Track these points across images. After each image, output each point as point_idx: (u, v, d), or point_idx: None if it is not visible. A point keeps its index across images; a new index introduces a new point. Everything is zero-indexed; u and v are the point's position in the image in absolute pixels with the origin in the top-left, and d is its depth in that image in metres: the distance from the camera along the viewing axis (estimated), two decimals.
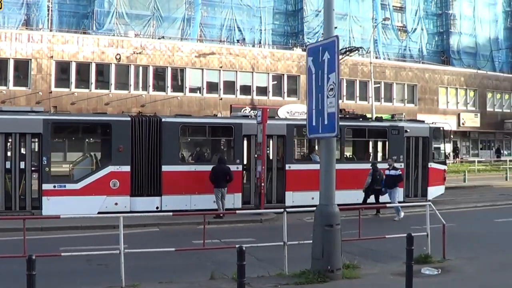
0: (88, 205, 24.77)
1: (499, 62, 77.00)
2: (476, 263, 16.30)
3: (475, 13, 74.27)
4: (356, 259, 15.07)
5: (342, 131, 28.72)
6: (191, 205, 26.62)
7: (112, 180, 26.19)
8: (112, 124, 26.78)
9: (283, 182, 29.06)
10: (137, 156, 26.65)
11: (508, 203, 34.07)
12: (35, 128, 25.20)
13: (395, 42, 67.74)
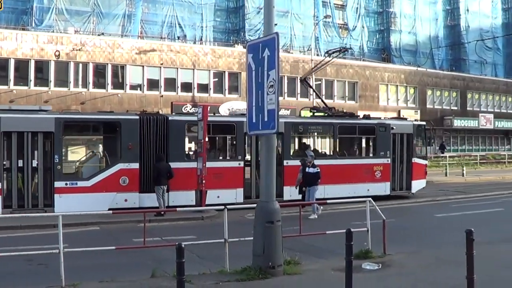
0: (99, 202, 25.57)
1: (438, 60, 78.22)
2: (416, 257, 16.46)
3: (415, 12, 75.26)
4: (297, 255, 15.14)
5: (334, 128, 32.78)
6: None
7: (122, 177, 27.16)
8: (121, 123, 27.71)
9: (282, 177, 30.31)
10: (145, 153, 27.63)
11: (448, 198, 34.66)
12: (47, 126, 25.90)
13: (336, 39, 68.02)
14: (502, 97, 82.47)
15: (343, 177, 32.07)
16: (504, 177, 50.39)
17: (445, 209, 29.51)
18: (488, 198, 34.99)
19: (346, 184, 31.90)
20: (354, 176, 32.51)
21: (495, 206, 30.42)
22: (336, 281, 12.15)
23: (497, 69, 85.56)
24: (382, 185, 33.77)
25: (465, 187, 41.33)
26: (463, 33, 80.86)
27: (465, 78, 77.33)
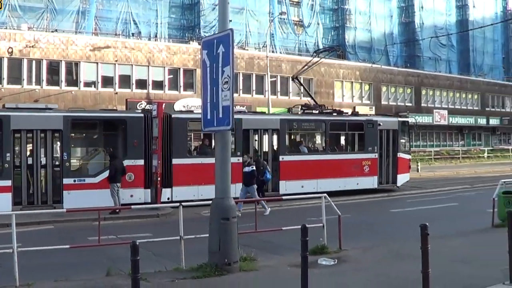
0: (106, 198, 25.90)
1: (393, 57, 78.75)
2: (372, 252, 16.54)
3: (370, 9, 75.69)
4: (254, 251, 15.08)
5: (325, 124, 34.35)
6: (198, 195, 27.69)
7: (128, 173, 27.63)
8: (127, 120, 28.68)
9: (278, 172, 32.05)
10: (150, 150, 28.45)
11: (403, 193, 34.95)
12: (55, 124, 26.71)
13: (292, 36, 68.26)
14: (456, 94, 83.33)
15: (335, 171, 33.75)
16: (458, 172, 51.04)
17: (401, 204, 29.80)
18: (442, 193, 35.43)
19: (337, 178, 33.68)
20: (344, 170, 34.20)
21: (450, 201, 30.81)
22: (292, 277, 12.14)
23: (451, 66, 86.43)
24: (370, 179, 35.62)
25: (420, 182, 41.72)
26: (418, 30, 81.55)
27: (420, 75, 77.97)
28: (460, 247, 17.03)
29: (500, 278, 12.06)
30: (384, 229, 22.07)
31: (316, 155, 34.62)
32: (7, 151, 25.54)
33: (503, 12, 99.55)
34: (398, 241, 18.19)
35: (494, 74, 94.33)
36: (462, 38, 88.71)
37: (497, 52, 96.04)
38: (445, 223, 22.63)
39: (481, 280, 12.29)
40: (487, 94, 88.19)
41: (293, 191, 30.05)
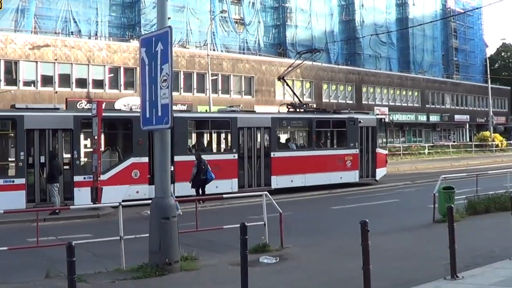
0: (114, 194, 27.04)
1: (334, 54, 79.22)
2: (313, 250, 16.66)
3: (311, 7, 76.01)
4: (195, 250, 15.01)
5: (312, 122, 36.49)
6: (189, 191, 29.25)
7: (134, 170, 29.47)
8: (133, 120, 28.99)
9: (269, 167, 34.10)
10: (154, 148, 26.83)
11: (344, 190, 35.12)
12: (66, 124, 27.98)
13: (233, 34, 68.20)
14: (397, 91, 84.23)
15: (320, 166, 36.01)
16: (398, 168, 51.51)
17: (341, 201, 29.96)
18: (383, 189, 35.73)
19: (323, 173, 36.05)
20: (329, 165, 36.49)
21: (391, 197, 31.12)
22: (233, 276, 12.09)
23: (391, 63, 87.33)
24: (352, 173, 37.89)
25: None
26: (358, 28, 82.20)
27: (360, 72, 78.62)
28: (402, 243, 17.20)
29: (441, 273, 12.17)
30: (325, 226, 22.17)
31: (303, 151, 36.86)
32: (21, 150, 26.58)
33: (443, 9, 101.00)
34: (339, 238, 18.32)
35: (434, 71, 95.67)
36: (402, 35, 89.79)
37: (437, 50, 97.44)
38: (386, 219, 22.79)
39: (423, 275, 12.37)
40: (427, 91, 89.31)
41: (284, 185, 33.35)
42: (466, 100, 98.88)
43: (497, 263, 13.10)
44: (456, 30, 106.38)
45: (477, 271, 12.41)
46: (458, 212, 20.54)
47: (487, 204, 22.64)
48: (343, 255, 15.22)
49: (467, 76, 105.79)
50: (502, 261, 13.31)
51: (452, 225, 11.80)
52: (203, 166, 28.95)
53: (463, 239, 14.26)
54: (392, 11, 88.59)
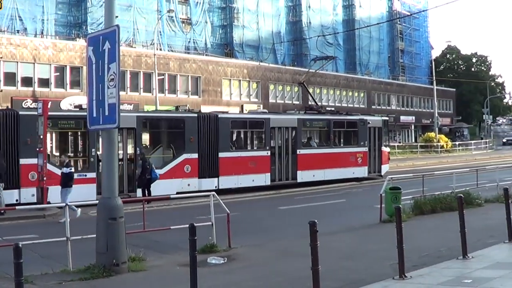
0: (170, 186, 30.74)
1: (281, 55, 79.34)
2: (261, 250, 16.67)
3: (258, 7, 75.94)
4: (142, 251, 14.93)
5: (330, 123, 40.81)
6: (238, 184, 34.37)
7: (186, 165, 32.89)
8: (185, 120, 33.42)
9: (296, 163, 37.77)
10: (202, 145, 33.39)
11: (292, 190, 35.27)
12: (130, 123, 30.48)
13: (180, 34, 67.88)
14: (343, 92, 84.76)
15: (337, 162, 40.13)
16: None
17: (289, 201, 30.02)
18: (331, 190, 35.91)
19: (339, 168, 40.23)
20: (344, 161, 40.73)
21: (338, 198, 31.33)
22: (181, 276, 12.03)
23: (337, 64, 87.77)
24: (362, 169, 42.03)
25: None
26: (305, 29, 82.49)
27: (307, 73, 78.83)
28: (349, 243, 17.31)
29: (390, 273, 12.26)
30: (272, 227, 22.15)
31: (323, 149, 40.69)
32: (93, 146, 29.50)
33: (389, 12, 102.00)
34: (287, 238, 18.32)
35: (379, 72, 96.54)
36: (348, 37, 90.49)
37: (383, 51, 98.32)
38: (334, 219, 22.92)
39: (372, 275, 12.46)
40: (373, 92, 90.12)
41: (307, 179, 37.34)
42: (411, 101, 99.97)
43: (444, 263, 13.25)
44: (402, 32, 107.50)
45: (424, 270, 12.52)
46: (405, 212, 20.73)
47: (433, 204, 22.91)
48: (291, 255, 15.25)
49: (413, 78, 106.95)
50: (449, 260, 13.47)
51: (400, 225, 11.89)
52: (147, 166, 29.18)
53: (410, 239, 14.39)
54: (339, 12, 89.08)
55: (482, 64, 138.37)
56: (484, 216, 21.69)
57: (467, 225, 13.75)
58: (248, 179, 34.79)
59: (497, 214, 18.99)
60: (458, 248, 13.64)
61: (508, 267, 12.53)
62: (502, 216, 15.73)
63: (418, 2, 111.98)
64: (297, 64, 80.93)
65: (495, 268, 12.43)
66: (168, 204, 27.97)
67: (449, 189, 26.15)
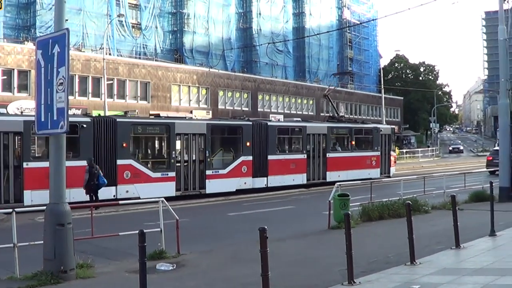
0: (230, 185, 37.40)
1: (231, 62, 79.44)
2: (210, 256, 16.60)
3: (209, 14, 75.97)
4: (91, 258, 14.75)
5: (352, 130, 48.24)
6: (282, 182, 40.56)
7: (243, 166, 38.58)
8: (243, 127, 39.18)
9: (325, 165, 44.42)
10: (255, 148, 39.18)
11: (239, 197, 35.31)
12: (201, 129, 36.51)
13: (129, 39, 67.51)
14: (292, 99, 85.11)
15: (357, 164, 46.93)
16: None
17: (238, 208, 30.04)
18: (280, 196, 36.04)
19: (358, 170, 46.38)
20: (362, 164, 47.69)
21: (287, 204, 31.44)
22: (129, 283, 11.96)
23: (287, 72, 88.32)
24: (376, 171, 48.94)
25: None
26: (255, 36, 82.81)
27: (256, 80, 79.07)
28: (298, 249, 17.34)
29: (338, 279, 12.30)
30: (222, 233, 22.14)
31: (346, 152, 47.09)
32: (172, 149, 34.84)
33: (339, 20, 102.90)
34: (236, 244, 18.33)
35: (329, 80, 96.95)
36: (298, 45, 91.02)
37: (332, 59, 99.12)
38: (283, 225, 22.97)
39: (321, 282, 12.48)
40: (321, 99, 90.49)
41: (334, 179, 39.41)
42: (360, 109, 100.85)
43: (392, 269, 13.35)
44: (352, 40, 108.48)
45: (373, 276, 12.60)
46: (353, 218, 20.85)
47: (381, 211, 23.09)
48: (240, 262, 15.24)
49: (361, 86, 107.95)
50: (397, 266, 13.57)
51: (349, 232, 11.94)
52: (95, 171, 29.05)
53: (359, 245, 14.45)
54: (289, 20, 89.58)
55: (429, 73, 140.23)
56: (432, 222, 21.93)
57: (415, 232, 13.88)
58: (289, 179, 41.19)
59: (444, 221, 19.23)
60: (406, 254, 13.74)
61: (454, 273, 12.67)
62: (449, 223, 15.91)
63: (368, 11, 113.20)
64: (246, 71, 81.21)
65: (442, 274, 12.57)
66: (116, 211, 27.73)
67: (397, 196, 26.41)
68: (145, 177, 33.04)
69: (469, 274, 12.41)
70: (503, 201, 27.83)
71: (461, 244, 15.68)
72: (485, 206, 20.55)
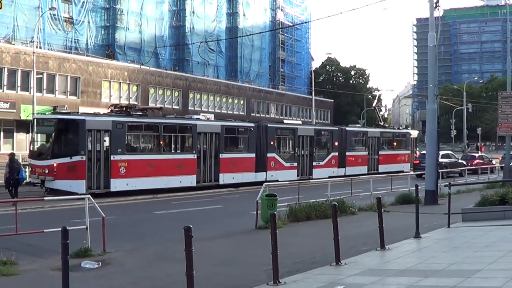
0: (326, 173, 47.81)
1: (162, 59, 78.96)
2: (136, 255, 16.55)
3: (142, 10, 75.31)
4: (14, 255, 14.55)
5: (394, 134, 62.95)
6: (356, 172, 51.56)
7: (333, 160, 51.52)
8: (333, 131, 53.51)
9: (378, 160, 57.62)
10: (339, 147, 52.13)
11: (168, 195, 35.05)
12: (309, 132, 49.97)
13: (61, 33, 66.43)
14: (223, 98, 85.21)
15: (395, 160, 60.09)
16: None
17: (166, 206, 29.89)
18: (207, 195, 35.94)
19: (394, 164, 58.94)
20: (398, 160, 60.82)
21: (215, 203, 31.43)
22: (53, 281, 11.82)
23: (219, 71, 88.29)
24: (407, 165, 60.86)
25: None
26: (188, 34, 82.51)
27: (188, 78, 78.89)
28: (225, 249, 17.40)
29: (264, 279, 12.38)
30: (149, 231, 22.04)
31: (388, 151, 59.77)
32: (296, 146, 48.14)
33: (272, 21, 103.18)
34: (163, 243, 18.30)
35: (260, 81, 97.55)
36: (231, 44, 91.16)
37: (264, 60, 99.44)
38: (210, 225, 23.01)
39: (246, 281, 12.58)
40: (253, 100, 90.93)
41: (382, 171, 53.42)
42: (290, 110, 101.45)
43: (317, 269, 13.50)
44: (284, 42, 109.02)
45: (298, 276, 12.72)
46: (280, 219, 21.04)
47: (308, 211, 23.30)
48: (167, 261, 15.21)
49: (293, 88, 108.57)
50: (322, 267, 13.72)
51: (274, 232, 12.00)
52: (16, 166, 28.83)
53: (285, 245, 14.59)
54: (223, 20, 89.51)
55: (360, 76, 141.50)
56: (358, 224, 22.25)
57: (341, 233, 14.07)
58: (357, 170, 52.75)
59: (370, 222, 19.48)
60: (332, 255, 13.90)
61: (379, 273, 12.87)
62: (375, 224, 16.15)
63: (301, 14, 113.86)
64: (179, 69, 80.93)
65: (366, 275, 12.74)
66: (42, 207, 27.29)
67: (325, 197, 26.63)
68: (281, 166, 45.66)
69: (393, 275, 12.63)
70: (428, 204, 28.42)
71: (386, 245, 15.95)
72: (411, 209, 20.93)
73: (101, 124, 33.80)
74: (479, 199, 22.70)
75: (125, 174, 34.00)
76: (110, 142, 33.86)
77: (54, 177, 31.59)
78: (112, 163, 33.48)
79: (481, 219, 20.94)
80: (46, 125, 34.99)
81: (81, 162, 32.12)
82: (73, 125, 33.08)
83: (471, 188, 35.34)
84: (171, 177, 36.65)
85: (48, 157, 32.53)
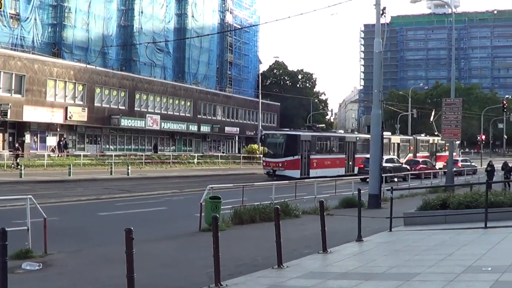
0: None
1: (109, 59, 78.48)
2: (79, 256, 16.42)
3: (90, 8, 74.74)
4: None
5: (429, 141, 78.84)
6: None
7: None
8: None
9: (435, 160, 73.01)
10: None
11: (112, 197, 34.85)
12: None
13: (7, 30, 65.56)
14: (170, 99, 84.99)
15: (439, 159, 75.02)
16: (168, 176, 51.80)
17: (110, 207, 29.57)
18: (152, 197, 35.75)
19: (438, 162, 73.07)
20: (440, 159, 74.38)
21: (159, 205, 31.20)
22: None
23: (166, 72, 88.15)
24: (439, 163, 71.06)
25: (130, 186, 41.86)
26: (136, 34, 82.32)
27: (134, 79, 78.53)
28: (168, 251, 17.32)
29: (205, 281, 12.33)
30: (91, 233, 21.84)
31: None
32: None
33: (221, 23, 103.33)
34: (106, 245, 18.15)
35: (208, 83, 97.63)
36: (179, 46, 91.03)
37: (212, 62, 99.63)
38: (154, 226, 22.91)
39: (188, 283, 12.56)
40: (199, 101, 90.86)
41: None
42: (237, 113, 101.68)
43: (259, 272, 13.49)
44: (232, 45, 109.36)
45: (240, 279, 12.70)
46: (224, 221, 21.10)
47: (252, 214, 23.30)
48: (109, 263, 15.09)
49: (240, 90, 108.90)
50: (264, 269, 13.72)
51: (216, 234, 11.96)
52: None
53: (228, 248, 14.60)
54: (171, 20, 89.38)
55: (307, 81, 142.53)
56: (302, 227, 22.33)
57: (285, 236, 14.11)
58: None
59: (313, 225, 19.51)
60: (275, 258, 13.90)
61: (320, 276, 12.92)
62: (318, 227, 16.20)
63: (250, 17, 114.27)
64: (125, 69, 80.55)
65: (308, 278, 12.78)
66: None
67: (269, 200, 26.75)
68: None
69: (334, 278, 12.69)
70: (372, 208, 28.75)
71: (328, 248, 16.04)
72: (354, 212, 21.02)
73: (306, 137, 57.12)
74: (421, 203, 22.98)
75: (316, 167, 55.98)
76: (310, 147, 56.33)
77: (284, 168, 52.99)
78: (311, 160, 56.10)
79: (423, 223, 21.23)
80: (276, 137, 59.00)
81: (298, 160, 54.86)
82: (294, 138, 55.89)
83: (414, 193, 36.04)
84: (335, 169, 56.85)
85: (281, 156, 54.61)
